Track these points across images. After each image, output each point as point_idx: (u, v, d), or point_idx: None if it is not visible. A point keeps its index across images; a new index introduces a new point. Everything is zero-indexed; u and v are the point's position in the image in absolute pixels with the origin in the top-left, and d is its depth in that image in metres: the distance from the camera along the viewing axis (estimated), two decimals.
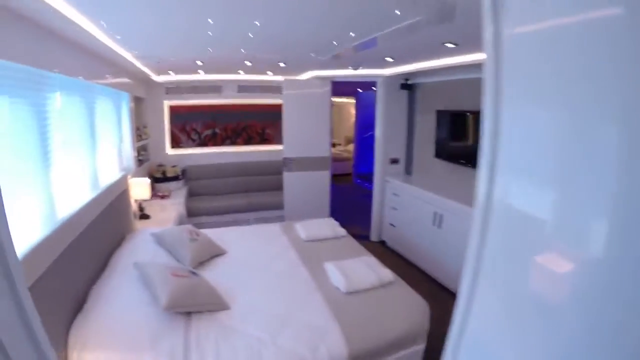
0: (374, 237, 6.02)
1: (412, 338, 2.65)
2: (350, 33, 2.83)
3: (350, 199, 8.35)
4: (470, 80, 4.24)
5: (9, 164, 2.03)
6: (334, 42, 3.20)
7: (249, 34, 2.88)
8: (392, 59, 4.10)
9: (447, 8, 2.16)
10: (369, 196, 7.75)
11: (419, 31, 2.64)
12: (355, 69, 5.02)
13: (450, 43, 3.10)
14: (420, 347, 2.71)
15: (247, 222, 6.14)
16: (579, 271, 0.63)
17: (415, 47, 3.43)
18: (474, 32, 2.63)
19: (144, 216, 4.90)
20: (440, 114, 4.78)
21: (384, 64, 4.70)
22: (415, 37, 2.90)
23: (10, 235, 0.90)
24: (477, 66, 3.82)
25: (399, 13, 2.26)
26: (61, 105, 2.80)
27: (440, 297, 3.06)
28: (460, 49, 3.33)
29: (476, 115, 4.08)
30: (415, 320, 2.69)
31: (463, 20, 2.29)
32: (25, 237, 2.09)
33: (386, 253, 5.33)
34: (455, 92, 4.56)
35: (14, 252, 0.93)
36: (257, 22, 2.53)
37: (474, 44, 3.12)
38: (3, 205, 0.89)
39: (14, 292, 0.88)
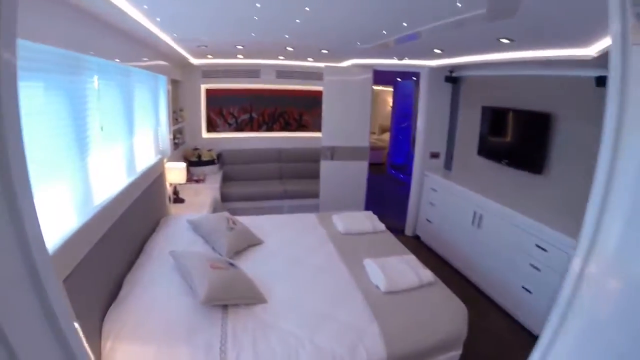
0: (408, 231, 5.91)
1: (450, 343, 2.55)
2: (403, 23, 2.69)
3: (384, 190, 8.22)
4: (522, 78, 4.04)
5: (46, 150, 1.99)
6: (384, 32, 3.07)
7: (297, 20, 2.78)
8: (441, 50, 3.93)
9: (511, 3, 2.01)
10: (403, 188, 7.63)
11: (475, 25, 2.49)
12: (401, 59, 4.87)
13: (506, 39, 2.94)
14: (456, 353, 2.61)
15: (281, 210, 6.12)
16: None
17: (466, 41, 3.27)
18: (533, 28, 2.51)
19: (178, 200, 4.89)
20: (486, 110, 4.59)
21: (430, 56, 4.53)
22: (469, 31, 2.75)
23: (41, 235, 0.85)
24: (530, 63, 3.64)
25: (460, 5, 2.12)
26: (99, 89, 2.77)
27: (474, 301, 2.96)
28: (515, 45, 3.16)
29: (525, 114, 3.91)
30: (455, 325, 2.58)
31: (523, 16, 2.14)
32: (63, 226, 2.07)
33: (420, 249, 5.21)
34: (504, 89, 4.35)
35: (44, 250, 0.87)
36: (307, 8, 2.42)
37: (532, 41, 2.96)
38: (35, 207, 0.83)
39: (40, 291, 0.83)
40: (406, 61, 5.05)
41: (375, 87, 10.88)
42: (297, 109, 6.99)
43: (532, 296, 3.42)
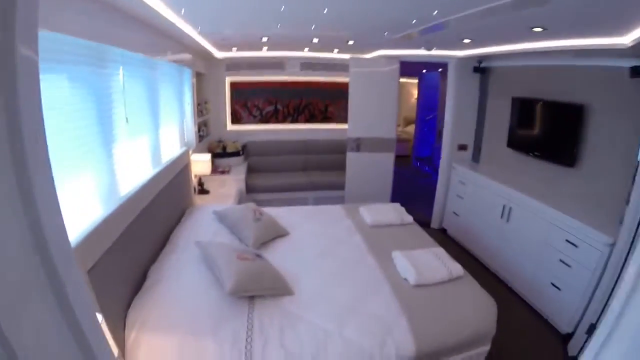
0: (434, 224, 5.84)
1: (479, 339, 2.49)
2: (434, 11, 2.62)
3: (410, 183, 8.14)
4: (554, 68, 3.92)
5: (73, 141, 2.00)
6: (414, 21, 3.00)
7: (324, 10, 2.73)
8: (471, 40, 3.83)
9: None
10: (428, 180, 7.55)
11: (507, 13, 2.41)
12: (429, 49, 4.77)
13: (539, 27, 2.84)
14: (485, 348, 2.55)
15: (306, 202, 6.11)
16: None
17: (497, 30, 3.17)
18: (567, 16, 2.42)
19: (203, 191, 4.92)
20: (516, 101, 4.47)
21: (459, 46, 4.43)
22: (501, 19, 2.67)
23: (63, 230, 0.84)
24: (562, 53, 3.54)
25: None
26: (124, 81, 2.77)
27: (500, 295, 2.91)
28: (548, 34, 3.06)
29: (557, 105, 3.79)
30: (485, 320, 2.51)
31: (557, 3, 2.06)
32: (89, 216, 2.08)
33: (447, 242, 5.14)
34: (535, 79, 4.23)
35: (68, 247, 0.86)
36: None
37: (565, 30, 2.85)
38: (57, 203, 0.83)
39: (60, 286, 0.82)
40: (434, 52, 4.95)
41: (400, 79, 10.81)
42: (322, 101, 6.94)
43: (560, 293, 3.33)
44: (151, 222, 2.91)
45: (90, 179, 2.22)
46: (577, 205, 3.50)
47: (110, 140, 2.51)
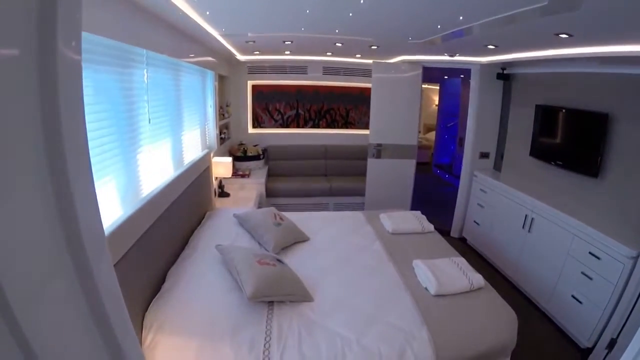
0: (454, 232, 5.77)
1: (499, 352, 2.43)
2: (460, 17, 2.59)
3: (429, 190, 8.05)
4: (579, 75, 3.83)
5: (95, 141, 2.00)
6: (439, 26, 2.97)
7: (349, 13, 2.72)
8: (495, 46, 3.78)
9: None
10: (449, 188, 7.48)
11: (533, 19, 2.37)
12: (452, 55, 4.73)
13: (565, 34, 2.78)
14: None
15: (326, 207, 6.10)
16: None
17: (522, 36, 3.11)
18: (595, 23, 2.36)
19: (223, 194, 4.94)
20: (539, 109, 4.39)
21: (483, 52, 4.36)
22: (526, 25, 2.62)
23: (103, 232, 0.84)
24: (588, 60, 3.47)
25: None
26: (148, 82, 2.78)
27: (520, 307, 2.83)
28: (574, 41, 2.99)
29: (582, 114, 3.70)
30: (505, 333, 2.46)
31: (586, 9, 2.01)
32: (110, 217, 2.08)
33: (467, 252, 5.06)
34: (560, 87, 4.14)
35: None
36: (361, 0, 2.35)
37: (592, 36, 2.78)
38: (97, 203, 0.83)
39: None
40: (457, 58, 4.90)
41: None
42: (344, 106, 6.92)
43: (582, 306, 3.24)
44: (172, 224, 2.92)
45: (113, 179, 2.23)
46: (600, 216, 3.42)
47: (132, 141, 2.52)
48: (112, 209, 2.20)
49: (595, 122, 3.49)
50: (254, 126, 6.77)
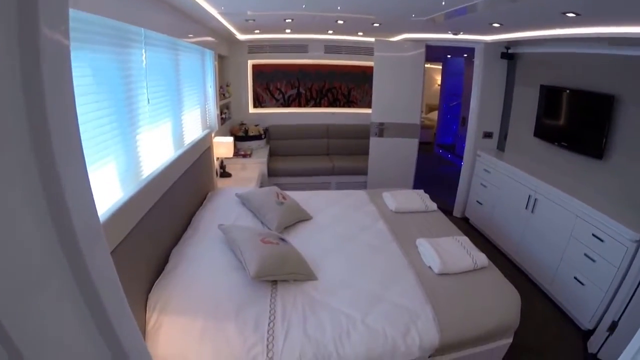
0: (457, 212, 5.75)
1: (502, 331, 2.43)
2: None
3: (432, 170, 8.05)
4: (585, 56, 3.75)
5: (93, 122, 1.97)
6: (443, 3, 2.91)
7: None
8: (500, 24, 3.71)
9: None
10: (451, 168, 7.45)
11: None
12: (456, 34, 4.65)
13: (572, 12, 2.72)
14: (507, 341, 2.50)
15: (328, 186, 6.08)
16: None
17: (528, 14, 3.05)
18: (603, 1, 2.30)
19: (225, 174, 4.92)
20: (544, 89, 4.33)
21: (487, 30, 4.29)
22: (532, 2, 2.56)
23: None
24: (595, 40, 3.40)
25: None
26: (146, 62, 2.73)
27: (521, 288, 2.82)
28: (581, 20, 2.92)
29: (587, 95, 3.64)
30: (509, 313, 2.45)
31: None
32: (110, 198, 2.06)
33: (469, 232, 5.02)
34: (565, 67, 4.06)
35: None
36: None
37: (600, 16, 2.73)
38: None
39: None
40: (461, 36, 4.82)
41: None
42: (346, 85, 6.85)
43: (584, 288, 3.23)
44: (173, 204, 2.90)
45: (112, 161, 2.20)
46: (604, 198, 3.39)
47: (131, 122, 2.49)
48: (113, 190, 2.18)
49: (600, 104, 3.43)
50: (254, 106, 6.71)
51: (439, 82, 10.15)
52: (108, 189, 2.12)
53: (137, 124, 2.57)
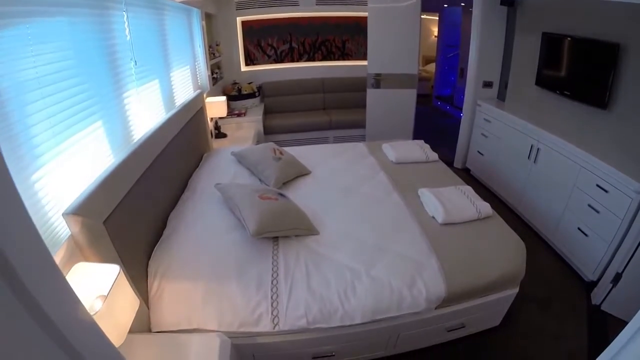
0: (457, 163, 5.68)
1: (508, 281, 2.39)
2: None
3: (430, 122, 7.95)
4: (590, 2, 3.53)
5: (78, 87, 1.90)
6: None
7: None
8: None
9: None
10: (449, 119, 7.38)
11: None
12: None
13: None
14: (513, 292, 2.47)
15: (326, 141, 6.01)
16: None
17: None
18: None
19: (220, 135, 4.85)
20: (546, 36, 4.15)
21: None
22: None
23: None
24: None
25: None
26: (129, 23, 2.61)
27: (525, 238, 2.77)
28: None
29: (591, 43, 3.46)
30: (514, 262, 2.40)
31: None
32: (101, 164, 2.03)
33: (471, 182, 4.94)
34: (568, 14, 3.85)
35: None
36: None
37: None
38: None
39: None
40: None
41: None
42: (340, 37, 6.65)
43: (587, 239, 3.18)
44: (168, 168, 2.83)
45: (100, 125, 2.12)
46: (609, 148, 3.29)
47: (118, 85, 2.40)
48: (103, 154, 2.12)
49: (605, 52, 3.28)
50: (246, 64, 6.53)
51: (436, 33, 9.92)
52: (98, 153, 2.06)
53: (125, 87, 2.48)
